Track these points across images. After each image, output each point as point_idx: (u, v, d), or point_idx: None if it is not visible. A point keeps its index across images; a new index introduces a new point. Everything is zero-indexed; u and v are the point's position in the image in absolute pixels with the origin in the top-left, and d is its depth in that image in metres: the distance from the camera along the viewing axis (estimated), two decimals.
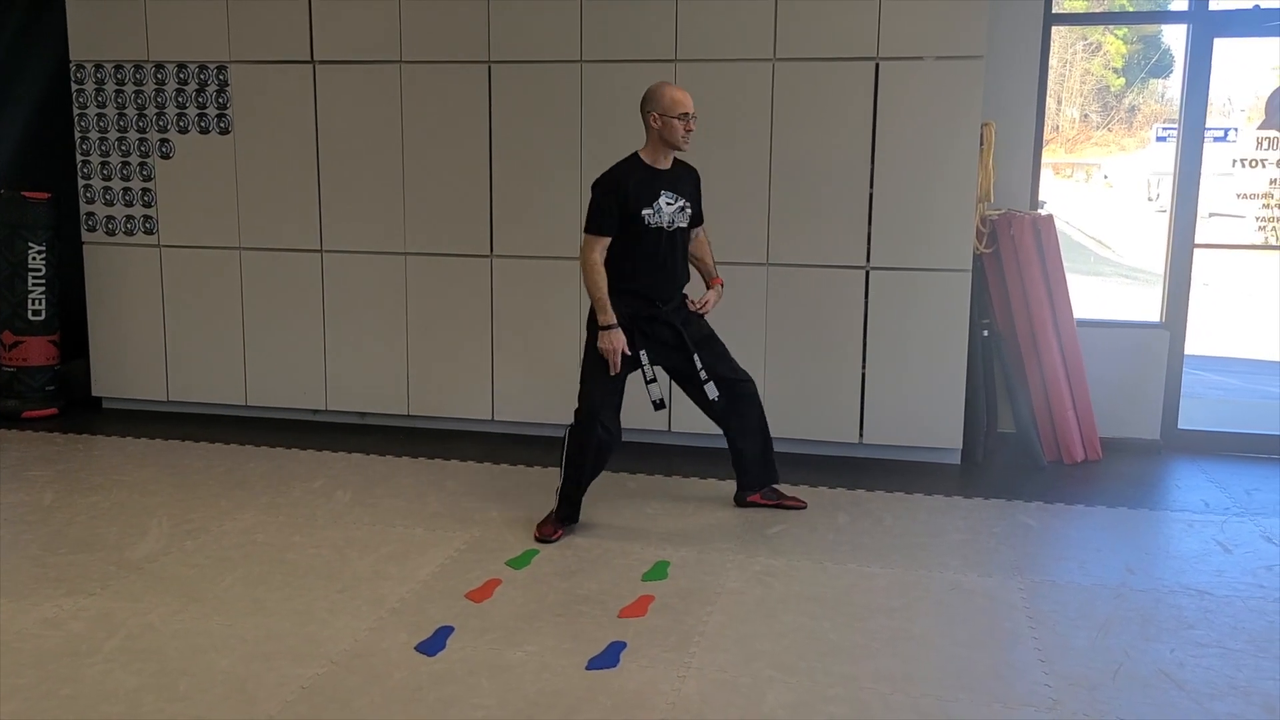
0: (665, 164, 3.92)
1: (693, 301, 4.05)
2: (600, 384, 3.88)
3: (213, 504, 4.26)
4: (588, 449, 3.90)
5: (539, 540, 3.88)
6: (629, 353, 3.85)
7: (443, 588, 3.45)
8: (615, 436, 3.97)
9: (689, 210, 3.96)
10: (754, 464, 4.24)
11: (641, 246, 3.86)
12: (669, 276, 3.96)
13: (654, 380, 3.93)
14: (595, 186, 3.86)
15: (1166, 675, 2.92)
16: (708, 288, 4.15)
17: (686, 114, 3.82)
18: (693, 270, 4.14)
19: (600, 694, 2.77)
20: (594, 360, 3.89)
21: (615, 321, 3.81)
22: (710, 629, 3.17)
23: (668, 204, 3.88)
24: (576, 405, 3.92)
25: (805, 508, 4.28)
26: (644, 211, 3.83)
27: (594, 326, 3.87)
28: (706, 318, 4.12)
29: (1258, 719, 2.71)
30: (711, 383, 4.02)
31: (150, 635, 3.08)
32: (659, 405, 3.93)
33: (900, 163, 4.76)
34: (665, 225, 3.88)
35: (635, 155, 3.92)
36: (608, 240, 3.84)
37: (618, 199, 3.81)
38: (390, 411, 5.47)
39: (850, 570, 3.65)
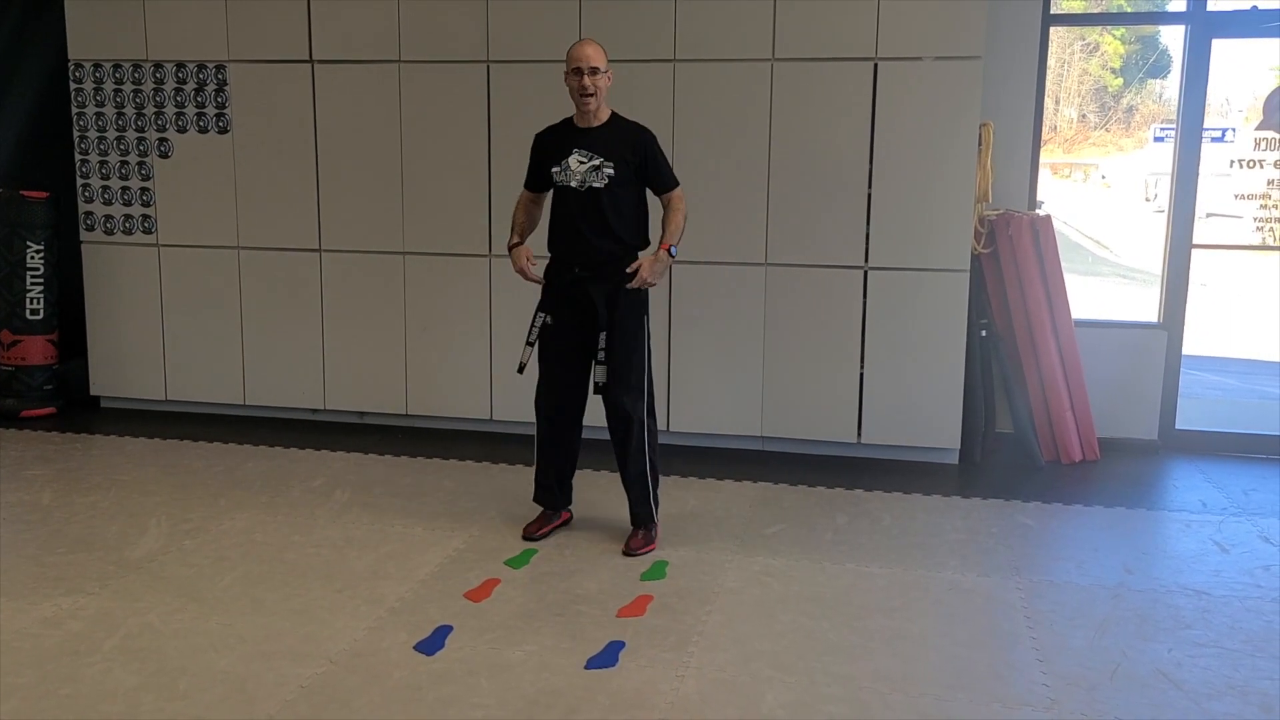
0: (587, 122, 3.77)
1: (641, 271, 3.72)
2: (543, 367, 3.91)
3: (211, 503, 4.26)
4: (541, 432, 3.95)
5: (525, 538, 3.90)
6: (533, 263, 3.85)
7: (442, 587, 3.45)
8: (568, 417, 3.93)
9: (609, 171, 3.70)
10: (629, 498, 3.92)
11: (555, 206, 3.84)
12: (583, 239, 3.74)
13: (532, 344, 3.82)
14: (533, 145, 3.95)
15: (1164, 675, 2.93)
16: None
17: (579, 69, 3.67)
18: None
19: (599, 693, 2.78)
20: (538, 338, 3.88)
21: (516, 241, 3.89)
22: (709, 629, 3.17)
23: (579, 163, 3.72)
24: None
25: (631, 555, 3.79)
26: (552, 169, 3.77)
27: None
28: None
29: (1255, 718, 2.71)
30: (604, 368, 3.73)
31: (149, 634, 3.08)
32: (521, 369, 3.84)
33: (899, 163, 4.76)
34: (575, 185, 3.72)
35: (566, 119, 3.88)
36: (528, 193, 3.98)
37: (535, 154, 3.90)
38: (389, 411, 5.47)
39: (849, 570, 3.65)
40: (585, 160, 3.73)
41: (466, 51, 5.09)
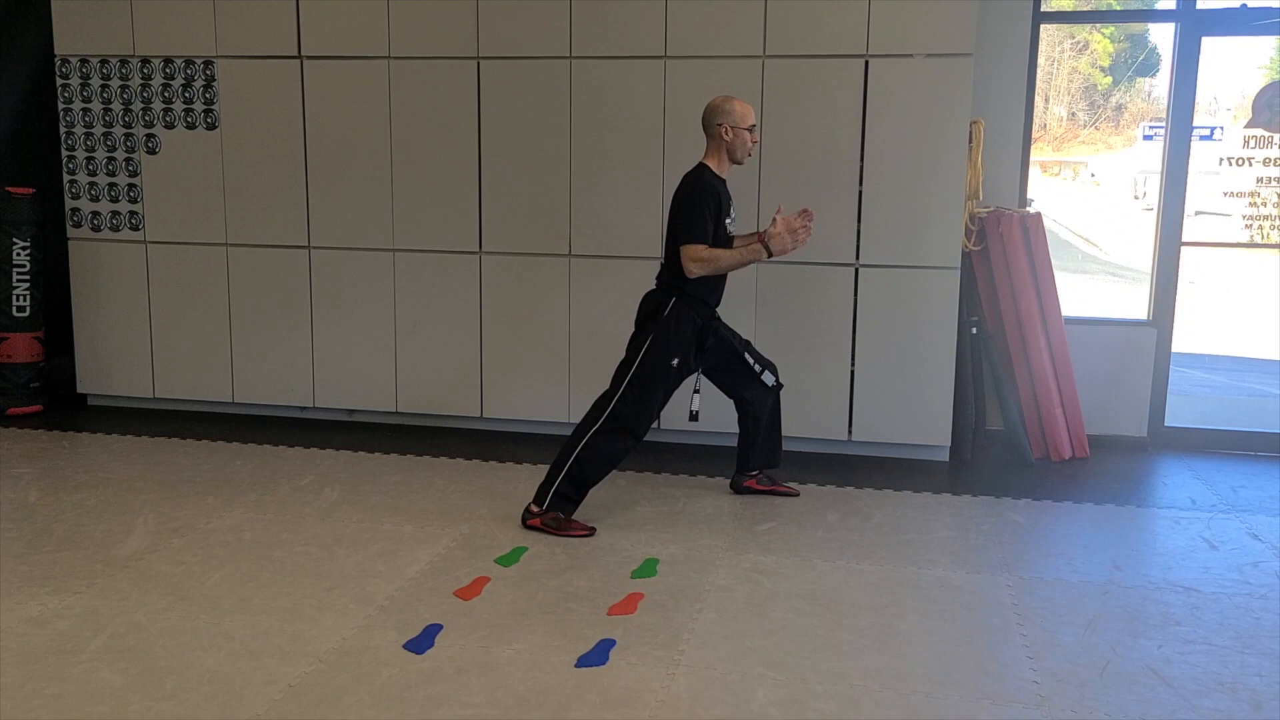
0: (726, 174, 3.99)
1: None
2: (656, 399, 3.91)
3: (199, 501, 4.24)
4: (616, 458, 3.95)
5: (584, 535, 3.90)
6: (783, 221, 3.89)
7: (431, 585, 3.44)
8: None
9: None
10: (763, 446, 4.32)
11: None
12: (725, 283, 4.09)
13: (699, 391, 4.09)
14: (690, 198, 3.83)
15: (1154, 672, 2.93)
16: None
17: (754, 126, 3.94)
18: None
19: (590, 691, 2.77)
20: (654, 374, 3.87)
21: (760, 241, 3.87)
22: (700, 626, 3.17)
23: (734, 213, 4.03)
24: (615, 409, 3.87)
25: (798, 496, 4.38)
26: (726, 221, 3.94)
27: (657, 331, 3.87)
28: None
29: (1244, 715, 2.72)
30: (767, 371, 4.20)
31: (136, 633, 3.06)
32: (695, 417, 4.08)
33: (890, 160, 4.76)
34: (735, 234, 4.05)
35: (706, 167, 3.93)
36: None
37: (713, 209, 3.84)
38: (378, 408, 5.46)
39: (839, 567, 3.65)
40: (734, 210, 4.03)
41: (456, 47, 5.07)
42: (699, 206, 3.81)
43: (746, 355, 4.17)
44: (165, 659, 2.90)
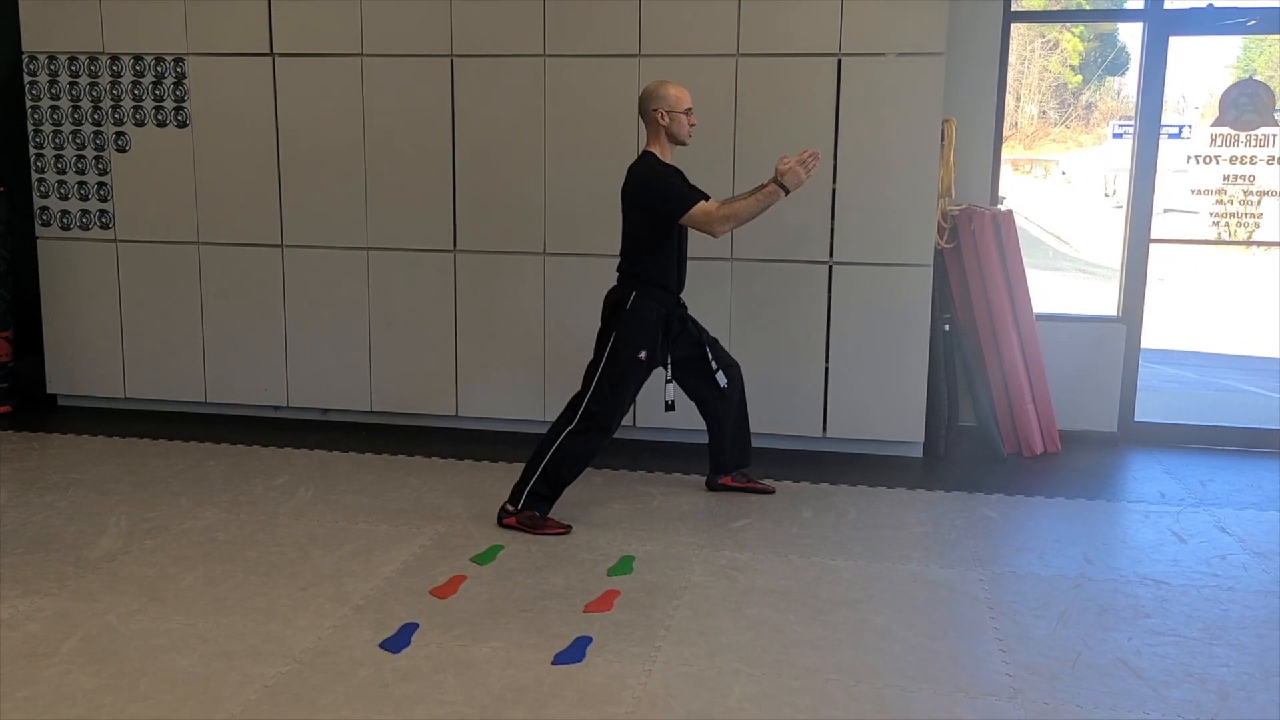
0: (671, 160, 3.97)
1: None
2: (627, 393, 3.92)
3: (172, 502, 4.21)
4: (590, 456, 3.95)
5: (560, 533, 3.90)
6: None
7: (407, 584, 3.43)
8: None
9: None
10: (732, 447, 4.32)
11: (674, 241, 3.96)
12: (685, 268, 4.07)
13: (671, 380, 4.05)
14: (657, 178, 3.84)
15: (1124, 664, 2.97)
16: None
17: (690, 109, 3.92)
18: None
19: (566, 689, 2.77)
20: (622, 369, 3.87)
21: (775, 182, 3.83)
22: (676, 623, 3.18)
23: None
24: (588, 409, 3.87)
25: (774, 493, 4.37)
26: None
27: (621, 327, 3.86)
28: None
29: (1212, 705, 2.76)
30: (721, 371, 4.15)
31: (109, 635, 3.03)
32: (670, 406, 4.03)
33: (862, 158, 4.79)
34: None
35: (651, 154, 3.93)
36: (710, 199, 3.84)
37: (679, 179, 3.86)
38: (353, 408, 5.43)
39: (814, 563, 3.67)
40: None
41: (430, 45, 5.05)
42: (670, 181, 3.84)
43: (708, 350, 4.15)
44: (139, 661, 2.88)
